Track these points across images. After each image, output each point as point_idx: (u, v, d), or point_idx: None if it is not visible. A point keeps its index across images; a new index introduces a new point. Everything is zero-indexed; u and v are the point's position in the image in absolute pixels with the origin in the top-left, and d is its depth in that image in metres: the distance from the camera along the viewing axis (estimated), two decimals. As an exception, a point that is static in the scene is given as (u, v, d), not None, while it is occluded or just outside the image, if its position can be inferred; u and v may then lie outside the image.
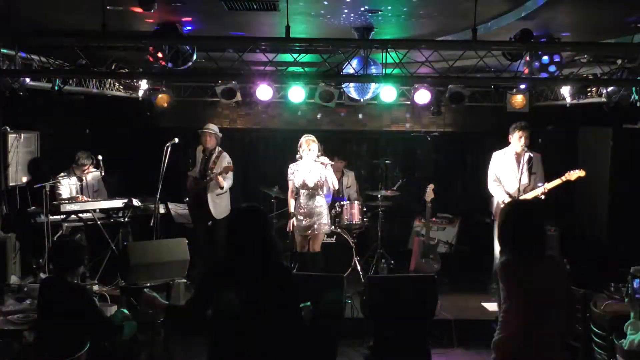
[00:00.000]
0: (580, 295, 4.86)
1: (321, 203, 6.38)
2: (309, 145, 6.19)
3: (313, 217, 6.33)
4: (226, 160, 6.84)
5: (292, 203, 6.46)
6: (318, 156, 6.23)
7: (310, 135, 6.33)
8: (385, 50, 4.90)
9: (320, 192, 6.35)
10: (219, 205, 6.85)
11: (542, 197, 5.95)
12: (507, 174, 6.14)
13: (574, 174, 5.87)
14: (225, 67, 5.40)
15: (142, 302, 3.26)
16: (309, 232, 6.36)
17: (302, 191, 6.33)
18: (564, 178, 5.88)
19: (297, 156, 6.31)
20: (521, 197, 5.86)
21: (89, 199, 6.61)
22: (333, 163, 6.35)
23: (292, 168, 6.36)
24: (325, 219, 6.40)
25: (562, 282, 3.06)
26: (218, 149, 6.93)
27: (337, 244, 7.09)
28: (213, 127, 6.97)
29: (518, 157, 6.07)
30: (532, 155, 5.94)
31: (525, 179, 5.93)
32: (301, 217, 6.35)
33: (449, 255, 7.79)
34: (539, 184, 5.99)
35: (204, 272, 3.14)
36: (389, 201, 7.64)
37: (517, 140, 6.03)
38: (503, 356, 3.05)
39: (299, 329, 3.05)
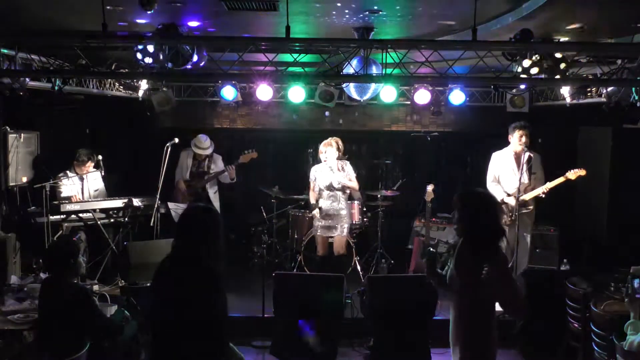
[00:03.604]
0: (580, 295, 4.87)
1: (343, 206, 6.47)
2: (325, 148, 6.41)
3: (335, 219, 6.43)
4: (220, 160, 7.20)
5: (312, 196, 6.63)
6: (339, 157, 6.43)
7: (331, 138, 6.46)
8: (385, 50, 4.90)
9: (343, 195, 6.45)
10: (216, 201, 7.19)
11: (543, 196, 5.96)
12: (507, 174, 6.13)
13: (574, 173, 5.88)
14: (225, 67, 5.41)
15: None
16: (331, 234, 6.49)
17: (324, 193, 6.44)
18: (563, 178, 5.89)
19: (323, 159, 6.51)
20: (521, 197, 5.86)
21: (89, 199, 6.61)
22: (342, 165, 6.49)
23: (314, 169, 6.60)
24: (346, 221, 6.48)
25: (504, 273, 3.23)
26: None
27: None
28: (204, 144, 7.09)
29: (517, 157, 6.05)
30: (531, 155, 5.93)
31: (525, 179, 5.92)
32: (322, 220, 6.46)
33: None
34: (540, 184, 5.98)
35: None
36: (389, 201, 7.64)
37: (517, 140, 6.02)
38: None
39: (219, 336, 2.97)
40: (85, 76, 6.19)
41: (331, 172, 6.41)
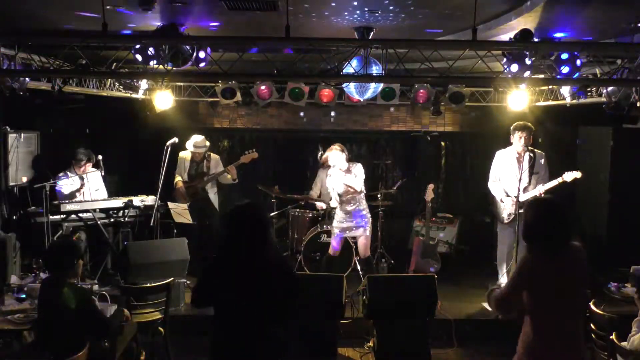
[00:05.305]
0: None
1: (363, 206, 6.45)
2: (329, 154, 6.39)
3: (353, 221, 6.42)
4: (217, 159, 7.27)
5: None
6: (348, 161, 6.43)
7: (334, 146, 6.42)
8: (385, 50, 4.90)
9: (356, 196, 6.40)
10: (216, 201, 7.28)
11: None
12: (508, 173, 6.13)
13: (570, 175, 5.87)
14: (225, 67, 5.40)
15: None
16: (354, 234, 6.49)
17: (342, 197, 6.46)
18: (560, 179, 5.89)
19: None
20: (520, 198, 5.85)
21: (89, 199, 6.61)
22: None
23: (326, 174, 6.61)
24: (363, 222, 6.45)
25: (584, 265, 3.15)
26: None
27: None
28: (199, 143, 7.08)
29: (520, 157, 6.06)
30: (534, 154, 5.94)
31: (525, 179, 5.92)
32: (341, 220, 6.45)
33: (449, 255, 7.79)
34: (541, 184, 5.98)
35: (207, 264, 3.24)
36: (389, 201, 7.64)
37: (517, 140, 6.02)
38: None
39: (293, 320, 3.27)
40: (85, 76, 6.18)
41: (340, 176, 6.40)
